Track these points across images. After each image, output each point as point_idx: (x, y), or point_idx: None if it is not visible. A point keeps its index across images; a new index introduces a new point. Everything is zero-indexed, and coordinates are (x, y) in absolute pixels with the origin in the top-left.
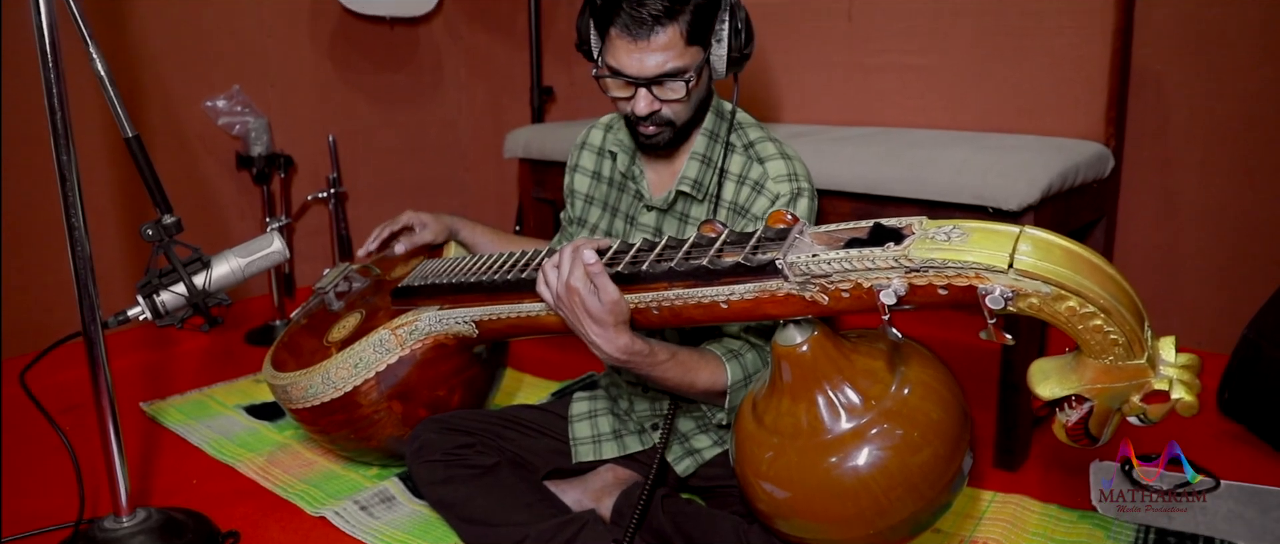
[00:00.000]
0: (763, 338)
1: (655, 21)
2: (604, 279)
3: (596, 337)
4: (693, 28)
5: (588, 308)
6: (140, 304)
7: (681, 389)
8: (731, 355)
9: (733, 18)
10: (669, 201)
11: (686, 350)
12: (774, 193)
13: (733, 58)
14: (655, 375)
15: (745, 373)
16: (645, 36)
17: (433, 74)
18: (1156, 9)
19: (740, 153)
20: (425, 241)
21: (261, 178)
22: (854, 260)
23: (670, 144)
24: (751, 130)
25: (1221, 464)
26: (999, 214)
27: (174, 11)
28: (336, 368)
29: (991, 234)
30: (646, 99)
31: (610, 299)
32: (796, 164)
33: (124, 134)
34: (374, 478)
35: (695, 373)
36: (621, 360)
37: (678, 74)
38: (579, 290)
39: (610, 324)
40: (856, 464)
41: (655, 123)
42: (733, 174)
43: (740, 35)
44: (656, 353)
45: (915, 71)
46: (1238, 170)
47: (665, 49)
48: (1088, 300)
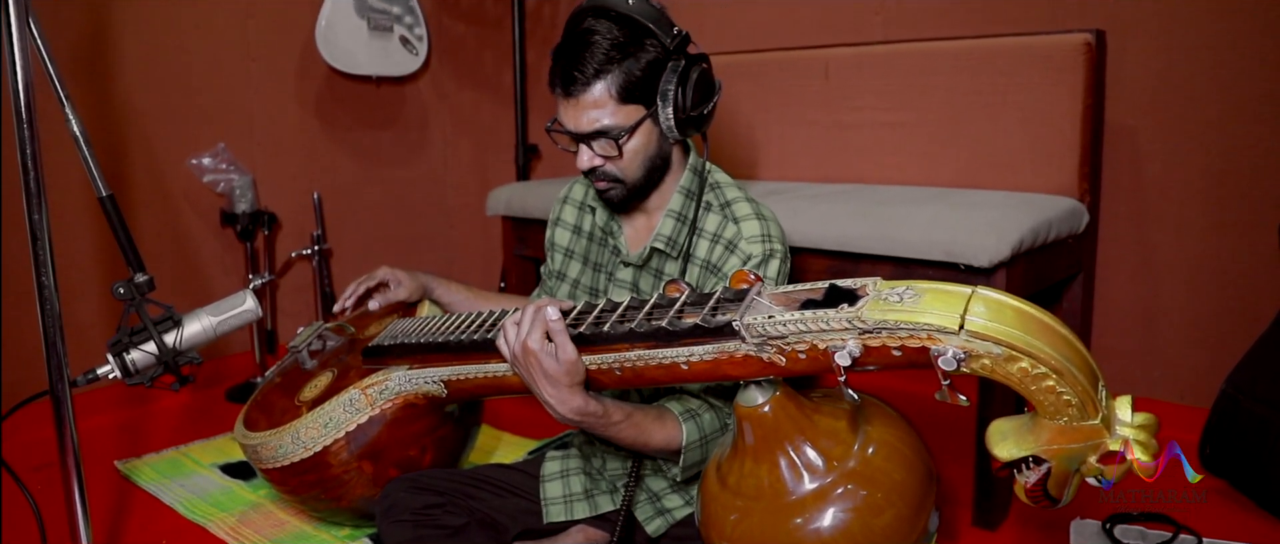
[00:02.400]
0: (722, 398)
1: (583, 80)
2: (563, 338)
3: (550, 397)
4: (626, 87)
5: (544, 368)
6: (110, 362)
7: (637, 448)
8: (689, 415)
9: (682, 77)
10: (644, 257)
11: (642, 410)
12: (746, 253)
13: (683, 118)
14: (609, 435)
15: (701, 433)
16: (575, 94)
17: (418, 132)
18: (1128, 65)
19: (717, 212)
20: (400, 299)
21: (246, 235)
22: (808, 322)
23: (626, 201)
24: (728, 190)
25: (1204, 520)
26: (970, 271)
27: (160, 69)
28: (306, 428)
29: (944, 295)
30: (586, 155)
31: (568, 359)
32: (771, 225)
33: (98, 193)
34: (345, 538)
35: (649, 434)
36: (575, 421)
37: (608, 132)
38: (535, 351)
39: (565, 385)
40: (820, 526)
41: (603, 178)
42: (708, 232)
43: (688, 95)
44: (610, 413)
45: (891, 128)
46: (1212, 224)
47: (595, 107)
48: (1039, 361)
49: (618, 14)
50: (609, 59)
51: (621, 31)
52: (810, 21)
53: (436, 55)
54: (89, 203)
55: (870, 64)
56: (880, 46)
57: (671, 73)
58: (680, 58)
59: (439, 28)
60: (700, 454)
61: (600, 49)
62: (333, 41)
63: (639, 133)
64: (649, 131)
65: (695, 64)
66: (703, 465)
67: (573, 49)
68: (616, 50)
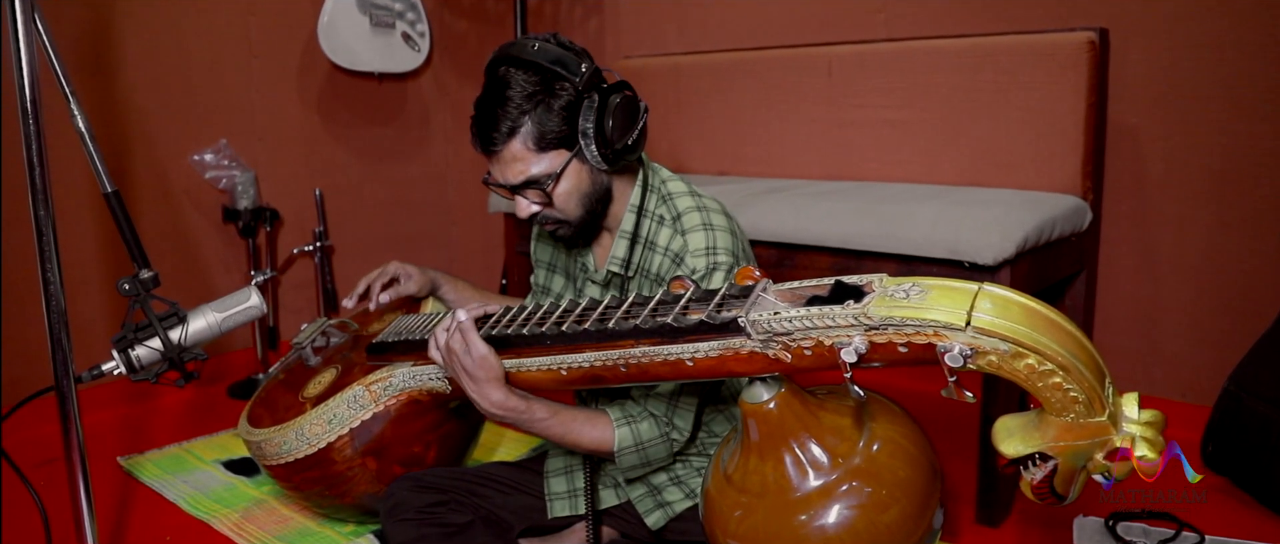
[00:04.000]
0: (661, 405)
1: (498, 137)
2: (472, 335)
3: (472, 392)
4: (541, 136)
5: (463, 365)
6: (115, 359)
7: (566, 445)
8: (627, 420)
9: (600, 112)
10: (606, 278)
11: (570, 410)
12: (691, 267)
13: (609, 152)
14: (536, 431)
15: (636, 440)
16: (495, 152)
17: (420, 129)
18: (1131, 64)
19: (668, 225)
20: (409, 293)
21: (247, 231)
22: (814, 318)
23: (576, 237)
24: (680, 200)
25: (1206, 519)
26: (974, 269)
27: (162, 65)
28: (310, 424)
29: (950, 291)
30: (522, 204)
31: (479, 354)
32: (717, 235)
33: (103, 189)
34: (349, 535)
35: (577, 433)
36: (498, 415)
37: (535, 182)
38: (455, 350)
39: (482, 379)
40: (825, 523)
41: (547, 220)
42: (660, 247)
43: (609, 129)
44: (534, 409)
45: (893, 126)
46: (1215, 223)
47: (517, 160)
48: (1046, 358)
49: (524, 62)
50: (521, 112)
51: (531, 79)
52: (813, 19)
53: (438, 52)
54: (90, 199)
55: (873, 62)
56: (883, 44)
57: (588, 110)
58: (594, 94)
59: (441, 24)
60: (636, 459)
61: (512, 104)
62: (335, 38)
63: (567, 175)
64: (578, 171)
65: (612, 94)
66: (645, 469)
67: (486, 107)
68: (527, 101)
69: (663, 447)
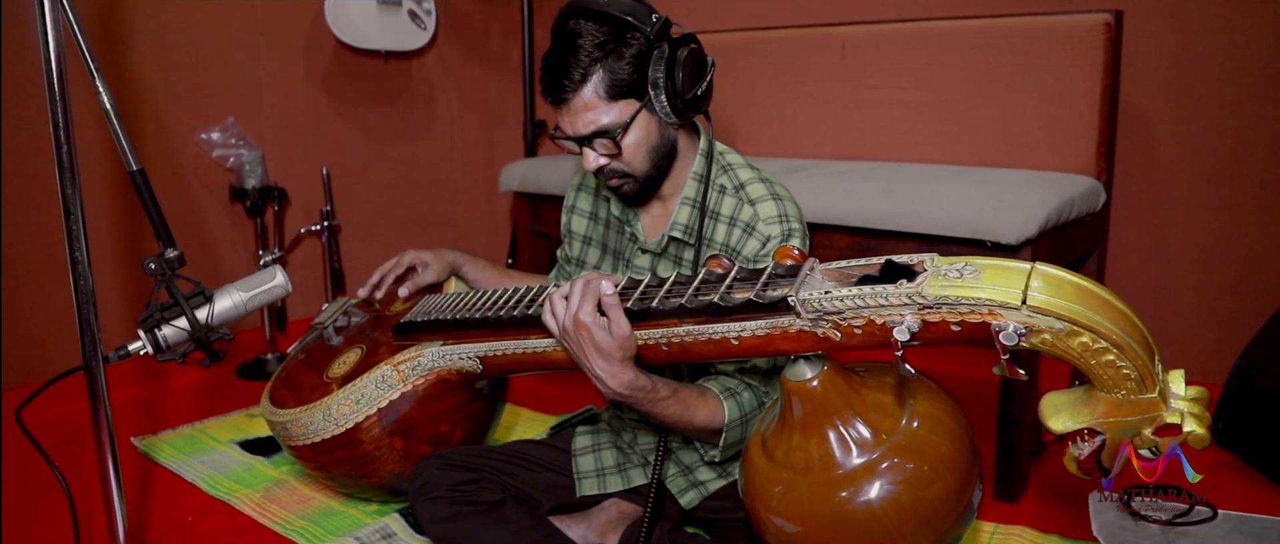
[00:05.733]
0: (758, 377)
1: (570, 87)
2: (618, 312)
3: (602, 371)
4: (614, 85)
5: (596, 342)
6: (141, 338)
7: (680, 426)
8: (729, 394)
9: (670, 63)
10: (662, 245)
11: (687, 387)
12: (765, 234)
13: (678, 103)
14: (656, 412)
15: (742, 412)
16: (566, 101)
17: (426, 107)
18: (1143, 47)
19: (732, 195)
20: (428, 282)
21: (255, 210)
22: (867, 297)
23: (640, 194)
24: (742, 171)
25: (1218, 494)
26: (997, 248)
27: (169, 44)
28: (338, 404)
29: (1004, 271)
30: (591, 156)
31: (622, 334)
32: (787, 205)
33: (129, 167)
34: (374, 514)
35: (694, 410)
36: (624, 395)
37: (605, 132)
38: (587, 324)
39: (618, 359)
40: (868, 498)
41: (613, 176)
42: (724, 216)
43: (679, 79)
44: (659, 389)
45: (908, 107)
46: (1223, 204)
47: (588, 109)
48: (1100, 336)
49: (595, 12)
50: (593, 60)
51: (602, 30)
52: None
53: (443, 30)
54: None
55: (887, 42)
56: (898, 25)
57: (658, 60)
58: (664, 43)
59: (446, 3)
60: (740, 433)
61: (583, 52)
62: (342, 15)
63: (636, 126)
64: (647, 123)
65: (681, 46)
66: (741, 445)
67: (556, 57)
68: (599, 49)
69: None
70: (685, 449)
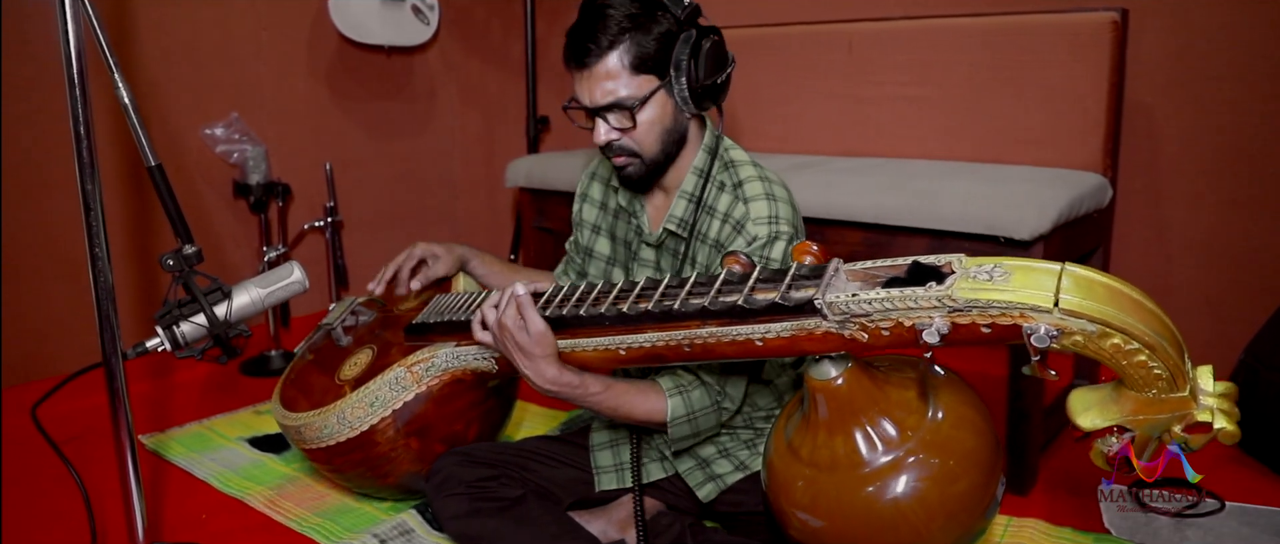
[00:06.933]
0: (712, 375)
1: (596, 51)
2: (531, 312)
3: (526, 368)
4: (639, 58)
5: (518, 342)
6: (159, 335)
7: (618, 419)
8: (678, 390)
9: (694, 49)
10: (660, 238)
11: (623, 383)
12: (752, 234)
13: (697, 89)
14: (588, 405)
15: (688, 409)
16: (589, 65)
17: (427, 103)
18: (1147, 44)
19: (728, 191)
20: (438, 275)
21: (258, 206)
22: (896, 300)
23: (644, 179)
24: (743, 168)
25: (1224, 487)
26: (1010, 244)
27: (172, 39)
28: (352, 407)
29: (1033, 272)
30: (602, 128)
31: (537, 331)
32: (780, 206)
33: (146, 163)
34: (389, 510)
35: (630, 405)
36: (551, 391)
37: (622, 104)
38: (509, 327)
39: (538, 355)
40: (896, 494)
41: (621, 152)
42: (718, 212)
43: (701, 66)
44: (588, 384)
45: (914, 103)
46: (1227, 200)
47: (609, 78)
48: (1132, 337)
49: None
50: (621, 30)
51: (633, 4)
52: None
53: (446, 25)
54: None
55: (894, 39)
56: (904, 21)
57: (684, 44)
58: (692, 29)
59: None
60: (688, 429)
61: (613, 21)
62: (345, 10)
63: (653, 103)
64: (663, 103)
65: (707, 35)
66: (693, 440)
67: (586, 22)
68: (629, 21)
69: (712, 416)
70: (704, 443)
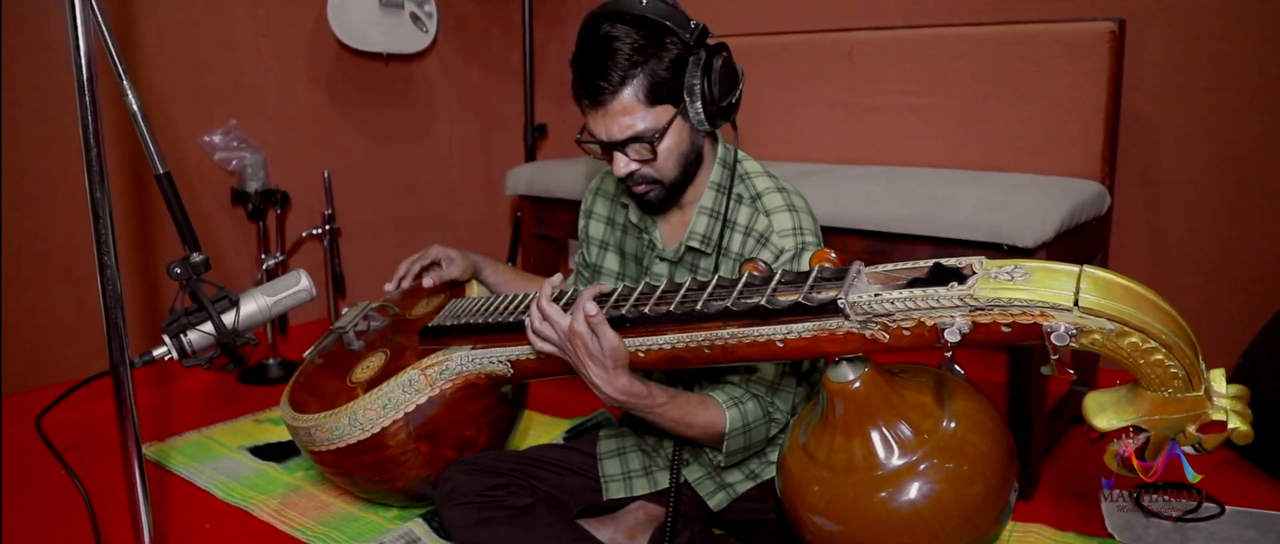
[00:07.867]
0: (763, 387)
1: (610, 89)
2: (603, 327)
3: (597, 379)
4: (653, 89)
5: (589, 350)
6: (166, 344)
7: (678, 431)
8: (733, 402)
9: (706, 70)
10: (680, 254)
11: (686, 395)
12: (779, 246)
13: (712, 110)
14: (654, 416)
15: (744, 421)
16: (604, 103)
17: (425, 110)
18: (1145, 53)
19: (748, 204)
20: (452, 277)
21: (257, 214)
22: (918, 300)
23: (665, 201)
24: (758, 180)
25: (1224, 491)
26: (1013, 250)
27: (172, 46)
28: (364, 409)
29: (1053, 273)
30: (622, 161)
31: (610, 345)
32: (803, 217)
33: (155, 171)
34: (395, 519)
35: (692, 416)
36: (620, 401)
37: (642, 137)
38: (581, 334)
39: (612, 366)
40: (912, 497)
41: (641, 182)
42: (740, 226)
43: (714, 87)
44: (655, 395)
45: (914, 112)
46: (1223, 207)
47: (626, 113)
48: (1150, 336)
49: (633, 16)
50: (633, 63)
51: (640, 34)
52: (833, 5)
53: (444, 33)
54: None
55: (895, 48)
56: (905, 31)
57: (695, 67)
58: (701, 50)
59: (446, 5)
60: (743, 441)
61: (622, 55)
62: (344, 18)
63: (671, 131)
64: (681, 129)
65: (716, 54)
66: (745, 453)
67: (594, 58)
68: (639, 53)
69: (763, 428)
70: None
